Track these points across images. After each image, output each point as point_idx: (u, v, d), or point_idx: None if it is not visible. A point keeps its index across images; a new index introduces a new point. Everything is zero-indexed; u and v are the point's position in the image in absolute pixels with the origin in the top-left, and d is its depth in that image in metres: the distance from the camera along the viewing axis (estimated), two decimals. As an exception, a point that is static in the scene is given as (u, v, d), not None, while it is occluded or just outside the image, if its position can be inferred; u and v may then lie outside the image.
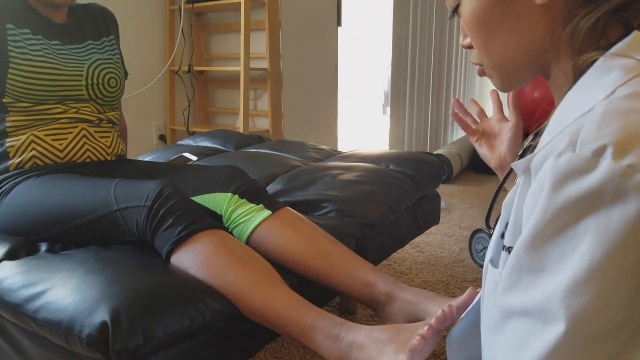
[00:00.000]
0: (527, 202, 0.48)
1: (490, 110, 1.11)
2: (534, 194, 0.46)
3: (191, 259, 0.94)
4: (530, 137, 0.68)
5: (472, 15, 0.57)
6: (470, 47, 0.62)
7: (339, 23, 3.02)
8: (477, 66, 0.63)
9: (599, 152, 0.42)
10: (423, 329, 0.81)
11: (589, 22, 0.51)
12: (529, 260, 0.45)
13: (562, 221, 0.43)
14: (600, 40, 0.51)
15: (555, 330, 0.42)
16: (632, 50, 0.49)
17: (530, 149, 0.61)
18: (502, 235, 0.56)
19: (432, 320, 0.82)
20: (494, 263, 0.58)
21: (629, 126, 0.42)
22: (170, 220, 0.96)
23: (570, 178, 0.42)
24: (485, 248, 0.63)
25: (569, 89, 0.52)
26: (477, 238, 0.63)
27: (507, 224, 0.54)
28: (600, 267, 0.40)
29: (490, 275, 0.57)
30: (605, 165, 0.41)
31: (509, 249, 0.53)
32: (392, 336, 0.84)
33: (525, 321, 0.45)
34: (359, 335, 0.86)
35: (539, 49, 0.56)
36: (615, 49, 0.50)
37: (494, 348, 0.49)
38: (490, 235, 0.62)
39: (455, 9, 0.60)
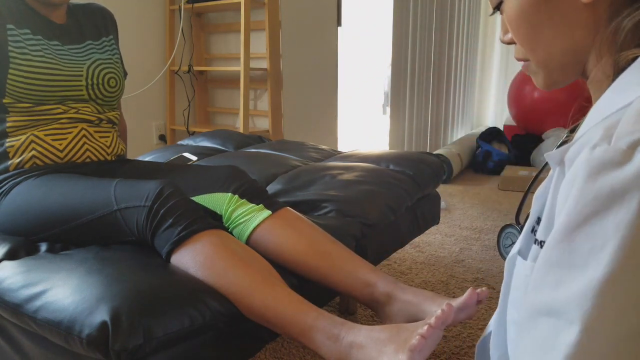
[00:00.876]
0: (561, 193, 0.47)
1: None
2: (567, 184, 0.46)
3: (191, 258, 0.94)
4: (566, 133, 0.68)
5: (518, 12, 0.57)
6: (510, 42, 0.62)
7: (339, 23, 3.02)
8: (522, 63, 0.63)
9: (634, 145, 0.41)
10: (423, 328, 0.81)
11: (632, 21, 0.51)
12: (559, 254, 0.45)
13: (593, 213, 0.42)
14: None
15: (580, 332, 0.41)
16: None
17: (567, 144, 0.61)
18: (533, 230, 0.56)
19: (432, 320, 0.82)
20: (523, 255, 0.57)
21: None
22: (171, 220, 0.96)
23: (604, 169, 0.42)
24: (513, 243, 0.64)
25: (608, 85, 0.53)
26: (506, 233, 0.64)
27: (538, 217, 0.54)
28: (631, 264, 0.40)
29: (519, 267, 0.57)
30: None
31: (541, 243, 0.53)
32: (392, 336, 0.84)
33: (551, 322, 0.44)
34: (359, 335, 0.86)
35: (584, 47, 0.56)
36: None
37: (519, 347, 0.48)
38: (519, 231, 0.63)
39: (498, 6, 0.60)
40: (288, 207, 1.15)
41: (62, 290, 0.85)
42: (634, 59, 0.51)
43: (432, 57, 3.64)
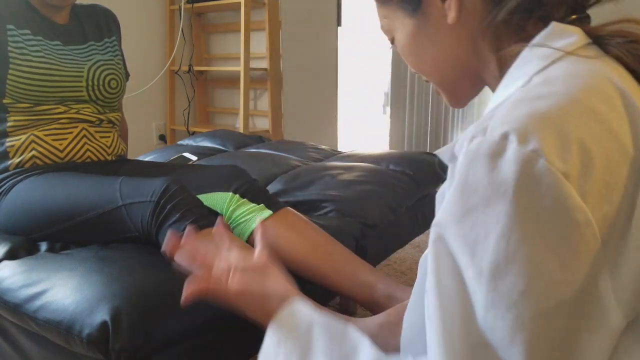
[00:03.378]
0: (446, 188, 0.48)
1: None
2: (450, 177, 0.47)
3: None
4: None
5: (403, 46, 0.62)
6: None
7: (339, 23, 3.02)
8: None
9: (505, 136, 0.42)
10: None
11: (499, 19, 0.53)
12: (451, 239, 0.45)
13: (475, 204, 0.43)
14: (519, 37, 0.54)
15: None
16: (550, 39, 0.51)
17: None
18: None
19: None
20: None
21: (535, 112, 0.43)
22: (177, 215, 0.96)
23: (479, 162, 0.43)
24: None
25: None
26: None
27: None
28: (513, 253, 0.41)
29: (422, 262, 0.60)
30: (512, 150, 0.41)
31: None
32: (402, 313, 0.86)
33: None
34: (365, 325, 0.87)
35: (468, 61, 0.59)
36: (534, 40, 0.52)
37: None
38: None
39: (392, 41, 0.65)
40: (289, 207, 1.15)
41: (63, 289, 0.85)
42: (515, 57, 0.53)
43: (432, 57, 3.64)
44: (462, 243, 0.43)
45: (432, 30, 0.58)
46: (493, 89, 0.59)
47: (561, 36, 0.51)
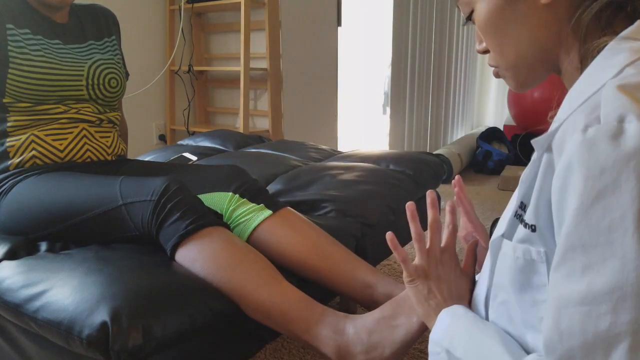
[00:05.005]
0: (555, 182, 0.48)
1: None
2: (564, 171, 0.47)
3: (198, 252, 0.94)
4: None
5: (485, 19, 0.61)
6: (485, 52, 0.65)
7: (339, 23, 3.02)
8: (493, 68, 0.65)
9: (621, 119, 0.44)
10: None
11: (591, 14, 0.54)
12: (579, 238, 0.45)
13: (604, 187, 0.43)
14: (606, 31, 0.54)
15: (630, 321, 0.42)
16: (639, 34, 0.52)
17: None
18: (516, 214, 0.57)
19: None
20: (508, 237, 0.59)
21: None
22: (178, 214, 0.96)
23: (602, 145, 0.44)
24: None
25: (579, 77, 0.55)
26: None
27: (522, 202, 0.56)
28: None
29: (506, 249, 0.59)
30: (633, 127, 0.43)
31: (532, 227, 0.54)
32: (396, 307, 0.87)
33: (588, 311, 0.44)
34: (365, 322, 0.87)
35: (549, 45, 0.58)
36: (623, 33, 0.52)
37: (555, 336, 0.47)
38: None
39: (469, 16, 0.63)
40: (289, 207, 1.15)
41: (62, 290, 0.85)
42: (602, 49, 0.53)
43: (432, 57, 3.64)
44: (598, 231, 0.44)
45: (522, 6, 0.57)
46: (566, 78, 0.59)
47: None
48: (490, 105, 4.84)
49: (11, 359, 0.97)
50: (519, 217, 0.57)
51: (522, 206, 0.56)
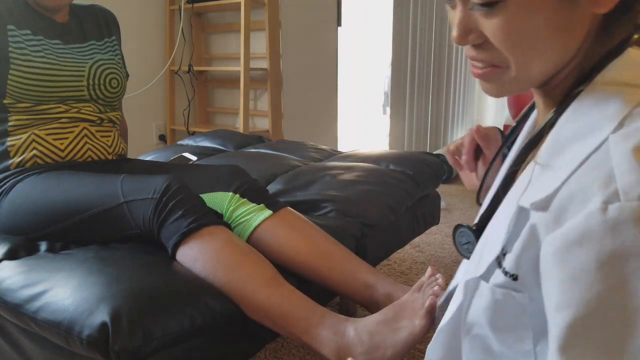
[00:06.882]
0: (554, 257, 0.44)
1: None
2: (567, 246, 0.43)
3: (200, 251, 0.94)
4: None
5: (524, 20, 0.48)
6: (474, 44, 0.52)
7: (339, 23, 3.02)
8: (478, 65, 0.54)
9: None
10: (433, 288, 0.86)
11: (626, 29, 0.50)
12: (599, 321, 0.41)
13: (631, 272, 0.40)
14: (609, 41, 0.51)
15: None
16: (622, 72, 0.49)
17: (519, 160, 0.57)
18: (497, 259, 0.53)
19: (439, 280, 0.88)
20: (486, 278, 0.55)
21: None
22: (180, 212, 0.96)
23: (627, 227, 0.40)
24: (468, 242, 0.62)
25: (561, 103, 0.51)
26: (460, 232, 0.63)
27: (502, 248, 0.52)
28: None
29: (483, 290, 0.55)
30: None
31: (513, 276, 0.51)
32: (399, 311, 0.87)
33: None
34: (366, 324, 0.87)
35: (567, 59, 0.51)
36: (607, 76, 0.49)
37: None
38: (470, 229, 0.61)
39: (491, 2, 0.48)
40: (289, 207, 1.15)
41: (62, 290, 0.85)
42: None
43: (432, 57, 3.64)
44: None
45: (572, 15, 0.48)
46: (548, 91, 0.55)
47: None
48: (490, 105, 4.84)
49: (11, 359, 0.97)
50: (497, 261, 0.53)
51: (504, 253, 0.52)
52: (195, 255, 0.94)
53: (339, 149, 2.10)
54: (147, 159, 1.76)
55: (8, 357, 0.97)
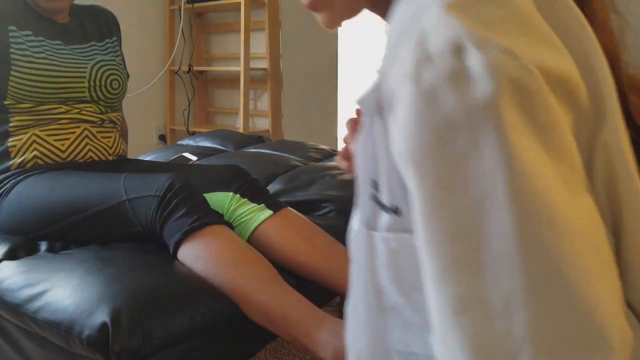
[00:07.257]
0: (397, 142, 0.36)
1: None
2: (378, 134, 0.37)
3: (202, 249, 0.94)
4: None
5: None
6: None
7: (339, 23, 3.01)
8: None
9: (457, 51, 0.33)
10: None
11: None
12: (442, 229, 0.34)
13: (462, 153, 0.33)
14: None
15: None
16: None
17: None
18: (372, 196, 0.43)
19: None
20: (372, 226, 0.44)
21: (477, 15, 0.34)
22: (183, 210, 0.96)
23: (445, 95, 0.33)
24: None
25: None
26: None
27: (373, 180, 0.43)
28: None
29: (375, 242, 0.44)
30: (476, 62, 0.32)
31: (395, 210, 0.41)
32: None
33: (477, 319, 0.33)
34: None
35: None
36: None
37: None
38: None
39: None
40: (289, 207, 1.15)
41: (62, 290, 0.85)
42: None
43: (432, 57, 3.64)
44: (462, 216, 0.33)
45: None
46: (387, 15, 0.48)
47: None
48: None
49: (11, 359, 0.97)
50: (374, 199, 0.43)
51: (375, 185, 0.43)
52: (197, 254, 0.94)
53: (339, 149, 2.10)
54: (147, 159, 1.76)
55: (8, 357, 0.97)
